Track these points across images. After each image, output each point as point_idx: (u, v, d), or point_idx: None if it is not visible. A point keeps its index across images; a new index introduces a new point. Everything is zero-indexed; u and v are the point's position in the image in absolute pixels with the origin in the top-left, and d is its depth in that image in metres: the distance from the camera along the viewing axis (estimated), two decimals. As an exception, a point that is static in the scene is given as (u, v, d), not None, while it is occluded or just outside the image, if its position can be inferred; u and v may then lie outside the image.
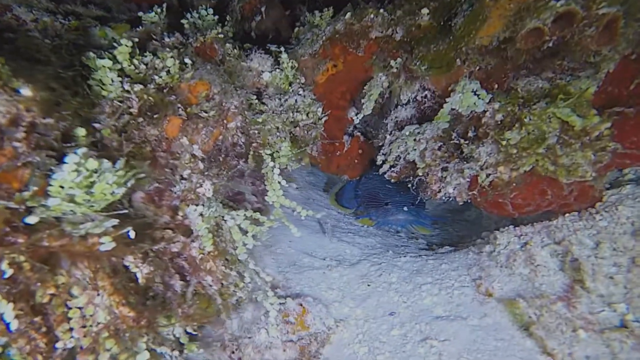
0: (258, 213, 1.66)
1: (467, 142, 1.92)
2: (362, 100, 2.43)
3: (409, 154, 2.23)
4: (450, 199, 2.13)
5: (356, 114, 2.56)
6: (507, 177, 1.71)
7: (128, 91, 1.20)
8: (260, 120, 1.78)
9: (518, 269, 1.81)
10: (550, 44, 1.51)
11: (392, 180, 2.66)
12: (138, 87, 1.23)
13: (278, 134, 1.86)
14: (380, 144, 2.58)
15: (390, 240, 3.22)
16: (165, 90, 1.28)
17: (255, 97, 1.84)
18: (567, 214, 1.83)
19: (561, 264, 1.67)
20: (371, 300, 2.06)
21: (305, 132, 2.05)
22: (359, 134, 3.41)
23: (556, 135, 1.52)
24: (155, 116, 1.24)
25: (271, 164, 1.90)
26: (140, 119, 1.22)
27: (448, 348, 1.59)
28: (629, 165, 1.57)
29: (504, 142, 1.66)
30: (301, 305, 1.71)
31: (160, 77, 1.28)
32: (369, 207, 3.78)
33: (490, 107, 1.78)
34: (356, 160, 3.55)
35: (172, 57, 1.35)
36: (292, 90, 1.99)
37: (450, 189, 2.05)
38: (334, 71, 2.40)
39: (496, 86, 1.90)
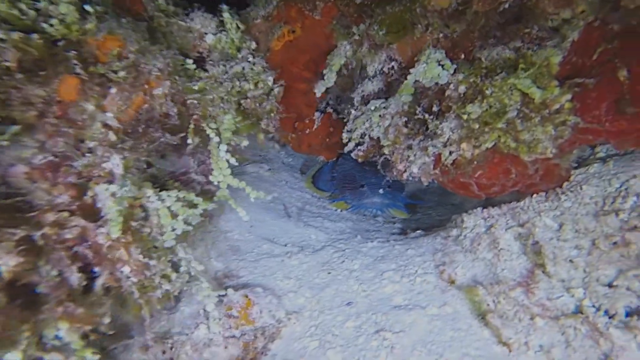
0: (193, 194, 1.61)
1: (431, 117, 1.88)
2: (324, 72, 2.35)
3: (373, 130, 2.19)
4: (416, 180, 2.10)
5: (319, 88, 2.49)
6: (469, 155, 1.67)
7: (2, 39, 1.08)
8: (196, 88, 1.69)
9: (482, 253, 1.80)
10: (507, 6, 1.46)
11: (359, 160, 2.63)
12: (16, 35, 1.11)
13: (222, 105, 1.78)
14: (345, 120, 2.53)
15: (363, 224, 3.21)
16: (61, 44, 1.17)
17: (192, 61, 1.74)
18: (534, 195, 1.82)
19: (524, 247, 1.66)
20: (329, 289, 2.05)
21: (257, 104, 1.97)
22: (331, 110, 3.34)
23: (517, 109, 1.47)
24: (41, 73, 1.13)
25: (216, 139, 1.82)
26: (20, 76, 1.11)
27: (402, 340, 1.58)
28: (592, 141, 1.54)
29: (465, 117, 1.62)
30: (246, 296, 1.69)
31: (52, 26, 1.16)
32: (344, 190, 3.76)
33: (454, 79, 1.73)
34: (328, 139, 3.49)
35: (68, 2, 1.22)
36: (241, 57, 1.90)
37: (415, 168, 2.01)
38: (291, 37, 2.31)
39: (462, 56, 1.84)
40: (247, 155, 4.18)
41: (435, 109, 1.87)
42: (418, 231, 2.61)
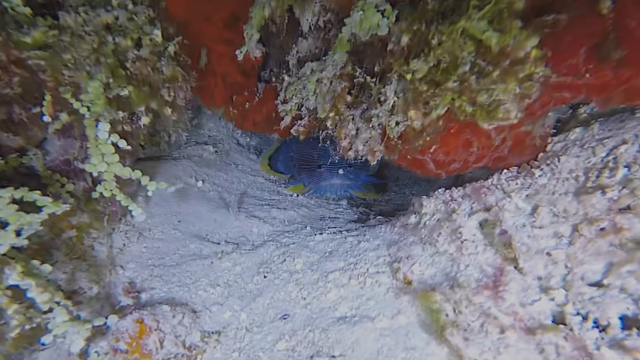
0: (39, 192, 1.23)
1: (374, 80, 1.54)
2: (244, 28, 1.96)
3: (309, 99, 1.83)
4: (362, 158, 1.77)
5: (242, 50, 2.09)
6: (419, 125, 1.35)
7: None
8: (29, 40, 1.27)
9: (443, 245, 1.51)
10: None
11: (301, 138, 2.28)
12: None
13: (87, 67, 1.37)
14: (279, 89, 2.16)
15: (319, 211, 2.89)
16: None
17: (24, 3, 1.31)
18: (503, 171, 1.53)
19: (490, 237, 1.37)
20: (263, 298, 1.73)
21: (148, 68, 1.57)
22: (274, 79, 2.94)
23: (470, 62, 1.14)
24: None
25: (88, 115, 1.42)
26: None
27: (342, 365, 1.29)
28: (569, 99, 1.23)
29: (409, 76, 1.28)
30: (139, 322, 1.35)
31: None
32: (301, 171, 3.41)
33: (395, 29, 1.38)
34: (275, 114, 3.11)
35: None
36: (117, 3, 1.47)
37: (360, 144, 1.68)
38: (199, -18, 1.89)
39: (407, -2, 1.48)
40: (187, 134, 3.76)
41: (377, 69, 1.53)
42: (379, 217, 2.31)
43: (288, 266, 1.90)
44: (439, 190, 1.71)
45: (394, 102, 1.41)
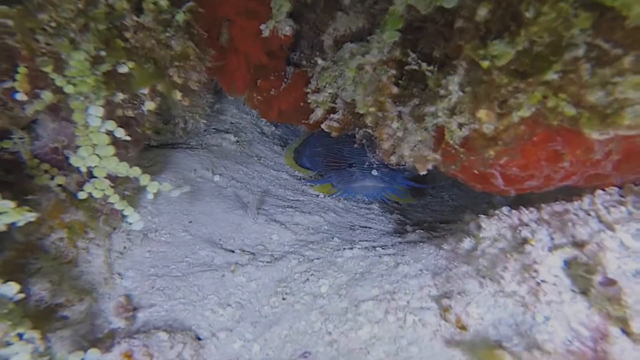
0: None
1: (431, 67, 1.25)
2: None
3: (345, 89, 1.56)
4: (408, 165, 1.50)
5: (269, 24, 1.83)
6: (490, 130, 1.06)
7: None
8: None
9: (510, 284, 1.22)
10: None
11: (333, 134, 2.01)
12: None
13: (72, 34, 1.14)
14: (310, 75, 1.90)
15: (348, 217, 2.63)
16: None
17: None
18: (596, 192, 1.22)
19: (584, 284, 1.08)
20: (280, 327, 1.50)
21: (151, 41, 1.33)
22: (305, 63, 2.67)
23: (584, 44, 0.84)
24: None
25: (73, 93, 1.19)
26: None
27: None
28: None
29: (486, 64, 0.99)
30: (129, 356, 1.14)
31: None
32: (329, 169, 3.15)
33: (470, -3, 1.08)
34: (303, 103, 2.85)
35: None
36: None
37: (407, 149, 1.40)
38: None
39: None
40: (205, 121, 3.56)
41: (437, 53, 1.24)
42: (419, 230, 2.02)
43: (311, 287, 1.66)
44: (503, 209, 1.42)
45: (457, 97, 1.12)
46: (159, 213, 2.16)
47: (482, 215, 1.42)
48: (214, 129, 3.81)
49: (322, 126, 1.95)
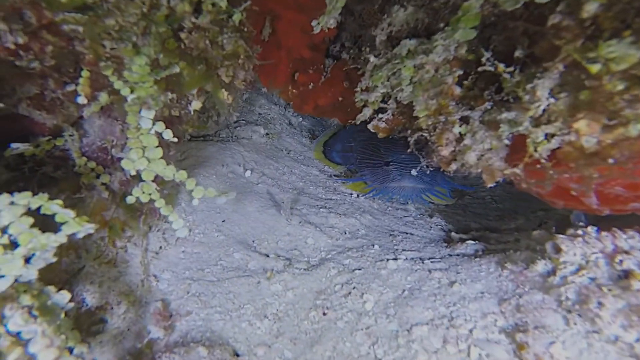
0: (60, 202, 0.94)
1: (511, 67, 1.11)
2: (324, -12, 1.57)
3: (403, 90, 1.43)
4: (472, 174, 1.36)
5: (323, 19, 1.71)
6: (592, 143, 0.92)
7: None
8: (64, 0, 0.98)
9: (610, 327, 1.06)
10: None
11: (379, 135, 1.89)
12: None
13: (133, 38, 1.06)
14: (360, 73, 1.77)
15: (385, 220, 2.51)
16: None
17: None
18: None
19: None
20: (323, 347, 1.40)
21: (206, 41, 1.25)
22: (347, 56, 2.55)
23: None
24: None
25: (131, 97, 1.14)
26: None
27: None
28: None
29: (595, 68, 0.85)
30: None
31: None
32: (364, 166, 3.02)
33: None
34: (342, 98, 2.73)
35: None
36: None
37: (473, 157, 1.27)
38: None
39: None
40: (237, 114, 3.47)
41: (520, 53, 1.10)
42: (469, 241, 1.88)
43: (354, 303, 1.55)
44: (589, 230, 1.26)
45: (548, 104, 0.98)
46: (193, 211, 2.09)
47: (562, 236, 1.27)
48: (243, 120, 3.72)
49: (369, 126, 1.83)
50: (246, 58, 1.48)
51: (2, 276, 0.83)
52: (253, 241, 2.05)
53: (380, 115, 1.69)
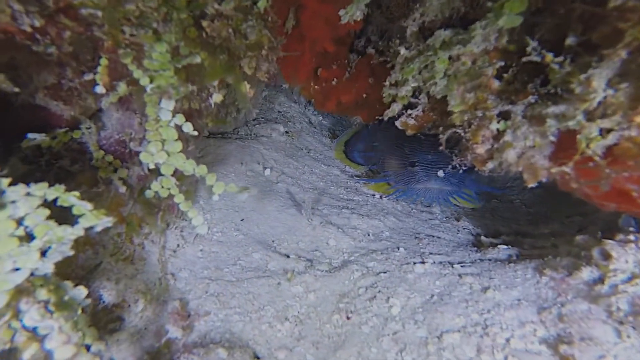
0: (76, 194, 0.91)
1: (560, 57, 1.04)
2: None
3: (436, 84, 1.36)
4: (509, 174, 1.28)
5: (350, 9, 1.65)
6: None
7: None
8: None
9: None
10: None
11: (408, 132, 1.81)
12: None
13: (155, 24, 1.03)
14: (389, 66, 1.70)
15: (410, 222, 2.43)
16: None
17: None
18: None
19: None
20: (347, 353, 1.34)
21: (229, 30, 1.21)
22: (373, 51, 2.48)
23: None
24: None
25: (150, 86, 1.11)
26: None
27: None
28: None
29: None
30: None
31: None
32: (387, 167, 2.95)
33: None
34: (366, 95, 2.67)
35: None
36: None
37: (513, 154, 1.19)
38: None
39: None
40: (257, 111, 3.43)
41: (572, 40, 1.02)
42: (502, 246, 1.79)
43: (379, 307, 1.49)
44: None
45: (605, 96, 0.90)
46: (211, 209, 2.06)
47: (611, 241, 1.18)
48: (262, 118, 3.70)
49: (397, 123, 1.76)
50: (270, 49, 1.44)
51: (18, 269, 0.79)
52: (273, 241, 2.01)
53: (409, 111, 1.62)
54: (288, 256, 1.87)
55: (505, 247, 1.75)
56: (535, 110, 1.10)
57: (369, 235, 2.13)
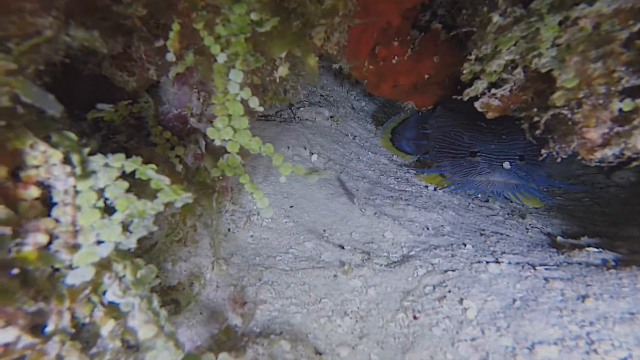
0: (154, 166, 0.85)
1: None
2: None
3: (541, 55, 1.22)
4: (627, 165, 1.13)
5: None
6: None
7: None
8: None
9: None
10: None
11: (489, 115, 1.66)
12: None
13: None
14: (472, 38, 1.55)
15: (471, 217, 2.28)
16: None
17: None
18: None
19: None
20: (416, 356, 1.23)
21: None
22: (439, 25, 2.33)
23: None
24: None
25: (222, 56, 1.03)
26: None
27: None
28: None
29: None
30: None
31: None
32: (442, 157, 2.79)
33: None
34: (428, 76, 2.52)
35: None
36: None
37: (636, 142, 1.04)
38: None
39: None
40: (300, 94, 3.34)
41: None
42: (592, 249, 1.62)
43: (451, 308, 1.37)
44: None
45: None
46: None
47: None
48: (306, 100, 3.61)
49: (476, 104, 1.62)
50: (344, 16, 1.33)
51: (102, 242, 0.73)
52: (324, 230, 1.92)
53: (493, 91, 1.47)
54: (342, 247, 1.77)
55: (596, 250, 1.59)
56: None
57: (427, 229, 2.00)
